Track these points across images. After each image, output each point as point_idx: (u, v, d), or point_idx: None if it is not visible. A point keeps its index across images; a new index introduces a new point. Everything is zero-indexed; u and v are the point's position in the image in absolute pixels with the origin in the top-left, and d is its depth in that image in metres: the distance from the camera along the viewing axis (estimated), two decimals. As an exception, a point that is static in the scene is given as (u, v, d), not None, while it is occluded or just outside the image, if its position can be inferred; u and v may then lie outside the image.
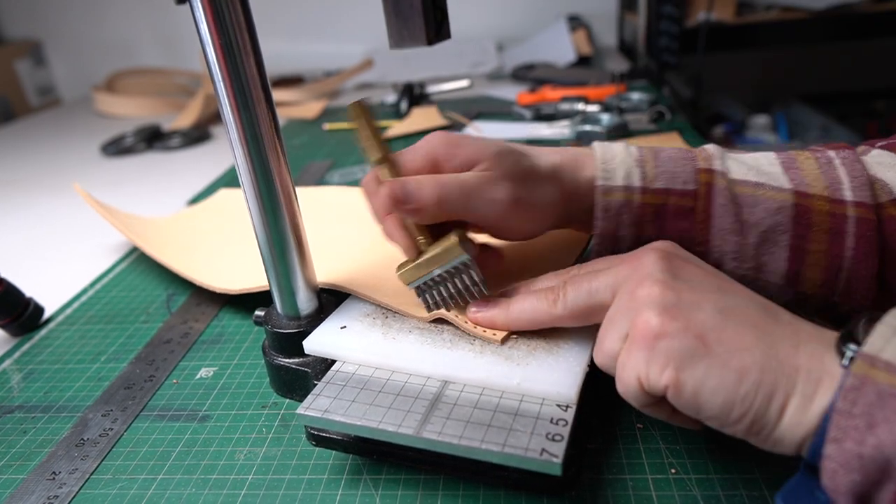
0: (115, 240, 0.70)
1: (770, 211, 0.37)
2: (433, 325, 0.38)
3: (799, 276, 0.37)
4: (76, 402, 0.44)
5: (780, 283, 0.38)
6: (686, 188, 0.38)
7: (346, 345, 0.37)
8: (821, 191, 0.37)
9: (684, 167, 0.38)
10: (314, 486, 0.35)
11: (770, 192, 0.37)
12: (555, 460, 0.29)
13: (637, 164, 0.39)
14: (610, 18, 1.54)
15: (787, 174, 0.38)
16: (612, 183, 0.38)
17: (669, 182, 0.38)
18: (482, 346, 0.36)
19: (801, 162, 0.39)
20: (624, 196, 0.38)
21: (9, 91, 1.54)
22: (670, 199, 0.38)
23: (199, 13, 0.32)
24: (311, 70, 1.52)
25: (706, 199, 0.38)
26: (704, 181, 0.38)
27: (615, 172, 0.38)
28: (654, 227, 0.39)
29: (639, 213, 0.38)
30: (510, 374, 0.33)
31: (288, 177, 0.37)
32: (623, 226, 0.39)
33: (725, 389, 0.26)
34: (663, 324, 0.28)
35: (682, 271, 0.31)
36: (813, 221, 0.37)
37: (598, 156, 0.39)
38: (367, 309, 0.41)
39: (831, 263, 0.37)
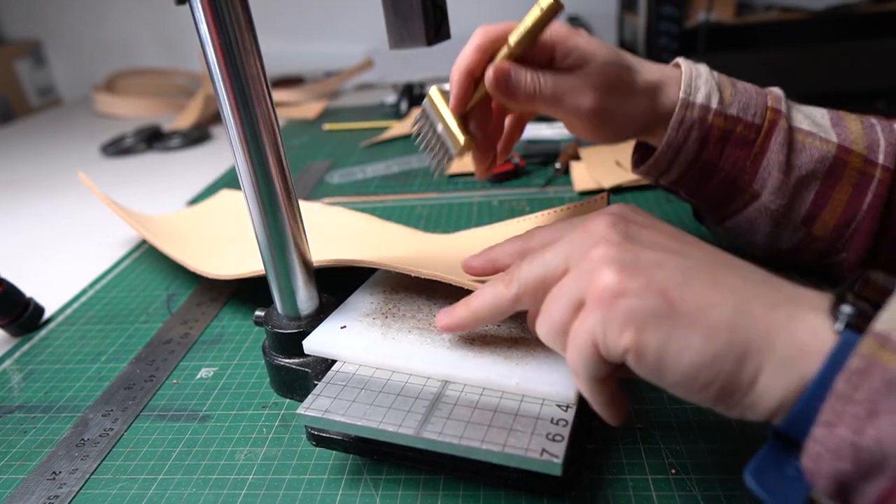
0: (115, 240, 0.70)
1: (814, 158, 0.41)
2: (431, 326, 0.38)
3: (816, 217, 0.42)
4: (76, 402, 0.44)
5: (797, 222, 0.42)
6: (754, 120, 0.42)
7: (346, 344, 0.37)
8: (861, 149, 0.41)
9: (757, 101, 0.42)
10: (314, 486, 0.35)
11: (818, 141, 0.41)
12: (555, 460, 0.29)
13: (717, 88, 0.42)
14: (610, 18, 1.54)
15: (834, 129, 0.42)
16: (693, 98, 0.41)
17: (742, 111, 0.42)
18: (482, 346, 0.36)
19: (847, 121, 0.43)
20: (700, 113, 0.41)
21: (9, 91, 1.54)
22: (738, 127, 0.42)
23: (199, 13, 0.32)
24: (311, 70, 1.52)
25: (766, 135, 0.41)
26: (770, 118, 0.41)
27: (698, 90, 0.42)
28: (716, 148, 0.42)
29: (707, 132, 0.42)
30: (509, 373, 0.33)
31: (288, 177, 0.37)
32: (690, 140, 0.42)
33: (692, 350, 0.24)
34: (622, 281, 0.26)
35: (640, 234, 0.29)
36: (844, 174, 0.41)
37: (685, 72, 0.42)
38: (367, 309, 0.41)
39: (846, 212, 0.41)
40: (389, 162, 0.85)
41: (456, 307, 0.34)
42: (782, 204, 0.42)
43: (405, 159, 0.85)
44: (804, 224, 0.42)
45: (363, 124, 1.06)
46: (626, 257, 0.27)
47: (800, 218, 0.42)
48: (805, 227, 0.42)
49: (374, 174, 0.82)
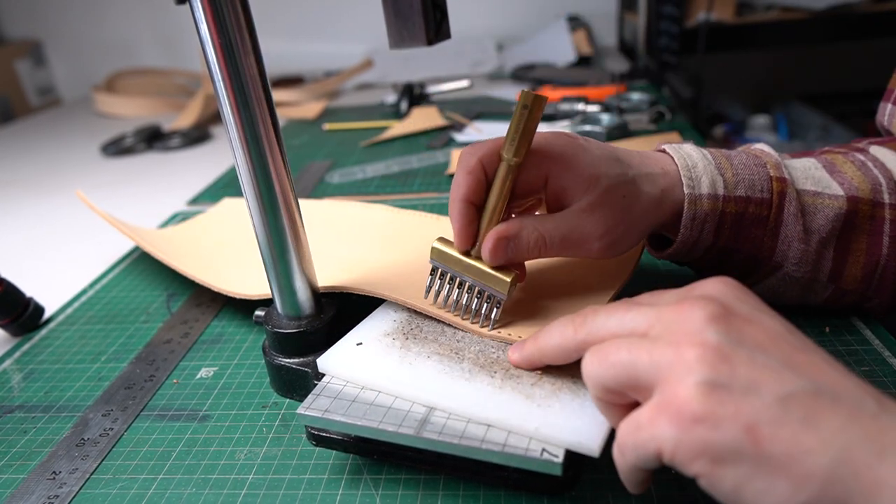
0: (115, 240, 0.70)
1: (829, 218, 0.39)
2: (453, 353, 0.36)
3: (842, 273, 0.41)
4: (76, 402, 0.44)
5: (824, 281, 0.41)
6: (763, 196, 0.39)
7: (360, 367, 0.35)
8: (867, 194, 0.40)
9: (759, 175, 0.40)
10: (314, 486, 0.35)
11: (828, 199, 0.40)
12: (555, 460, 0.29)
13: (718, 172, 0.40)
14: (610, 18, 1.54)
15: (833, 179, 0.40)
16: (698, 191, 0.39)
17: (749, 190, 0.39)
18: (502, 381, 0.33)
19: (840, 165, 0.41)
20: (709, 205, 0.39)
21: (9, 91, 1.54)
22: (749, 208, 0.40)
23: (199, 13, 0.32)
24: (311, 70, 1.52)
25: (778, 209, 0.40)
26: (777, 190, 0.39)
27: (700, 181, 0.39)
28: (732, 233, 0.40)
29: (720, 221, 0.40)
30: (529, 416, 0.30)
31: (288, 177, 0.37)
32: (705, 233, 0.40)
33: (776, 497, 0.22)
34: (707, 407, 0.23)
35: (745, 333, 0.25)
36: (856, 224, 0.40)
37: (679, 163, 0.40)
38: (389, 327, 0.39)
39: (869, 261, 0.40)
40: (389, 162, 0.85)
41: (526, 342, 0.33)
42: (808, 271, 0.40)
43: (405, 159, 0.85)
44: (831, 281, 0.41)
45: (363, 124, 1.06)
46: (721, 374, 0.23)
47: (825, 277, 0.41)
48: (833, 284, 0.41)
49: (374, 174, 0.82)
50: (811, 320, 0.44)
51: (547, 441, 0.30)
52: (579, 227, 0.37)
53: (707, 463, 0.23)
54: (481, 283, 0.37)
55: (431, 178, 0.79)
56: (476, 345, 0.37)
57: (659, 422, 0.24)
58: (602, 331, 0.28)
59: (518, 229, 0.36)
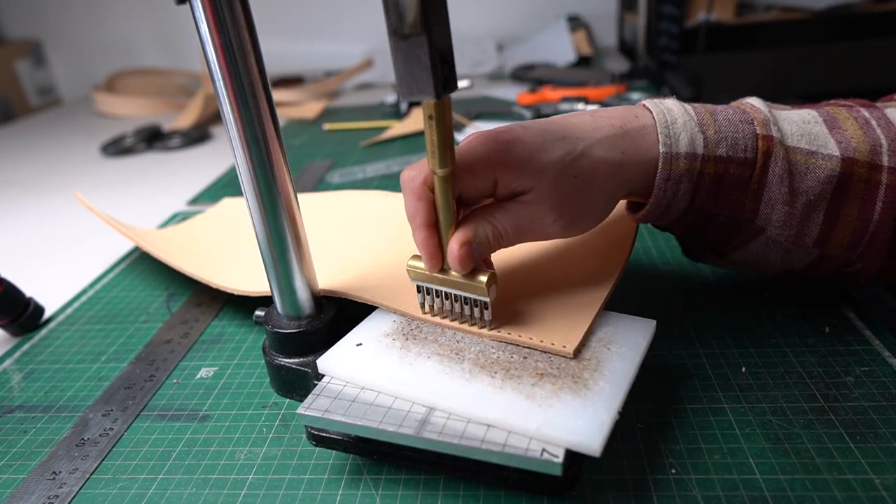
0: (115, 240, 0.70)
1: (820, 180, 0.37)
2: (453, 353, 0.36)
3: (829, 238, 0.39)
4: (76, 402, 0.44)
5: (809, 246, 0.39)
6: (746, 156, 0.37)
7: (360, 368, 0.35)
8: (864, 155, 0.37)
9: (744, 132, 0.37)
10: (314, 486, 0.35)
11: (820, 160, 0.37)
12: (555, 460, 0.29)
13: (699, 129, 0.37)
14: (610, 18, 1.54)
15: (832, 136, 0.38)
16: (674, 150, 0.37)
17: (731, 149, 0.37)
18: (503, 381, 0.33)
19: (842, 122, 0.38)
20: (687, 164, 0.37)
21: (9, 91, 1.54)
22: (730, 168, 0.37)
23: (200, 13, 0.32)
24: (311, 70, 1.52)
25: (762, 170, 0.37)
26: (763, 149, 0.37)
27: (679, 138, 0.37)
28: (710, 195, 0.38)
29: (698, 182, 0.37)
30: (529, 416, 0.31)
31: (288, 176, 0.37)
32: (680, 194, 0.38)
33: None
34: None
35: None
36: (851, 188, 0.37)
37: (658, 119, 0.38)
38: (389, 327, 0.39)
39: (859, 227, 0.38)
40: (389, 161, 0.85)
41: None
42: (792, 234, 0.38)
43: (405, 159, 0.85)
44: (816, 246, 0.39)
45: (363, 124, 1.06)
46: None
47: (811, 241, 0.39)
48: (818, 248, 0.39)
49: (374, 174, 0.82)
50: (812, 321, 0.44)
51: (547, 441, 0.30)
52: (530, 216, 0.36)
53: None
54: (462, 292, 0.37)
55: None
56: (476, 345, 0.36)
57: None
58: None
59: (473, 231, 0.35)
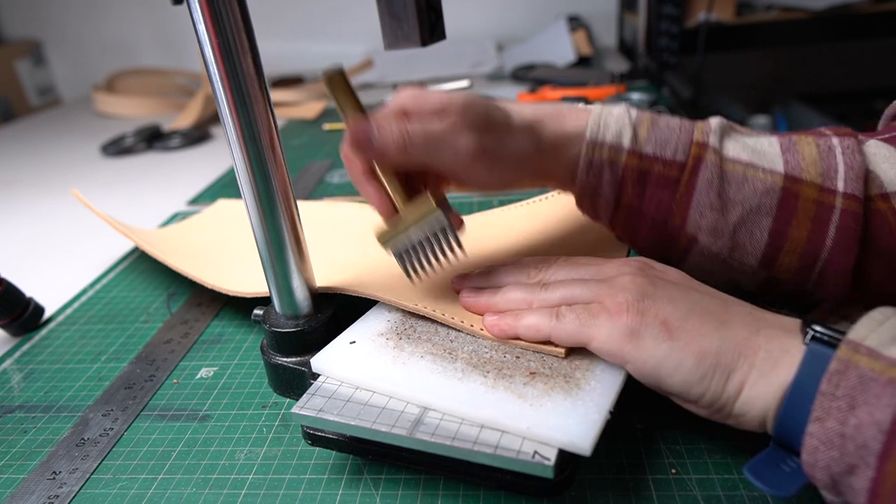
0: (115, 240, 0.70)
1: (757, 192, 0.37)
2: (446, 352, 0.36)
3: (775, 260, 0.38)
4: (76, 402, 0.44)
5: (754, 265, 0.38)
6: (674, 158, 0.38)
7: (354, 367, 0.35)
8: (813, 177, 0.36)
9: (678, 137, 0.38)
10: (314, 486, 0.35)
11: (760, 173, 0.37)
12: (547, 462, 0.29)
13: (630, 126, 0.38)
14: (610, 18, 1.54)
15: (783, 157, 0.38)
16: (600, 138, 0.38)
17: (658, 149, 0.38)
18: (495, 381, 0.33)
19: (801, 146, 0.38)
20: (609, 154, 0.38)
21: (9, 91, 1.54)
22: (655, 167, 0.38)
23: (197, 13, 0.32)
24: (311, 70, 1.52)
25: (691, 173, 0.38)
26: (694, 154, 0.38)
27: (607, 128, 0.38)
28: (635, 191, 0.39)
29: (622, 175, 0.38)
30: (520, 415, 0.31)
31: (286, 176, 0.37)
32: (604, 182, 0.39)
33: (684, 370, 0.30)
34: (635, 308, 0.32)
35: (662, 277, 0.35)
36: (798, 207, 0.36)
37: (594, 111, 0.39)
38: (383, 327, 0.39)
39: (809, 251, 0.37)
40: (389, 162, 0.84)
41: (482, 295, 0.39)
42: (725, 245, 0.38)
43: (405, 159, 0.85)
44: (763, 268, 0.38)
45: (363, 124, 1.06)
46: (647, 291, 0.33)
47: (756, 261, 0.38)
48: (765, 271, 0.38)
49: (373, 174, 0.82)
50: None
51: (538, 440, 0.30)
52: (441, 126, 0.36)
53: (633, 348, 0.31)
54: (422, 226, 0.37)
55: (431, 178, 0.78)
56: (469, 344, 0.37)
57: (601, 316, 0.33)
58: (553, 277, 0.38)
59: (378, 120, 0.36)
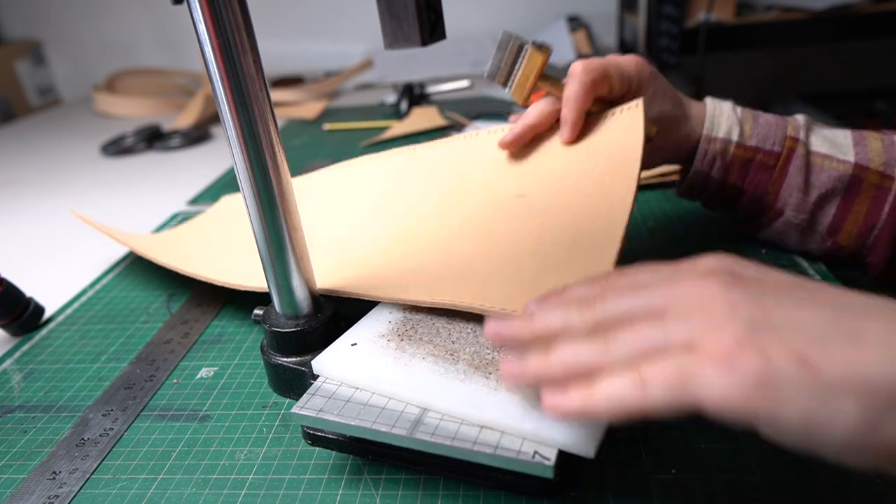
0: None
1: (832, 178, 0.47)
2: (448, 354, 0.36)
3: (840, 229, 0.48)
4: (76, 402, 0.44)
5: (823, 233, 0.49)
6: (773, 149, 0.48)
7: (355, 369, 0.35)
8: (877, 166, 0.46)
9: (776, 132, 0.49)
10: (314, 486, 0.35)
11: (835, 163, 0.47)
12: (547, 463, 0.29)
13: (738, 123, 0.49)
14: (610, 18, 1.54)
15: (854, 148, 0.47)
16: (714, 134, 0.49)
17: (760, 142, 0.49)
18: (497, 382, 0.33)
19: (870, 141, 0.48)
20: (721, 146, 0.49)
21: (9, 91, 1.54)
22: (757, 156, 0.49)
23: (198, 13, 0.32)
24: (311, 70, 1.52)
25: (785, 161, 0.48)
26: (788, 146, 0.48)
27: (720, 126, 0.49)
28: (739, 174, 0.50)
29: (730, 162, 0.49)
30: (524, 417, 0.30)
31: (286, 176, 0.37)
32: (714, 168, 0.50)
33: (848, 419, 0.21)
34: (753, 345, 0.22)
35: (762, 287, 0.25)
36: (862, 189, 0.47)
37: (709, 109, 0.50)
38: (384, 328, 0.39)
39: (866, 221, 0.47)
40: (389, 162, 0.84)
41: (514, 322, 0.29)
42: (805, 218, 0.49)
43: (405, 159, 0.85)
44: (829, 235, 0.49)
45: (363, 124, 1.06)
46: (757, 318, 0.23)
47: (825, 230, 0.48)
48: (830, 238, 0.49)
49: (374, 174, 0.81)
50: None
51: (542, 443, 0.30)
52: None
53: (769, 403, 0.22)
54: None
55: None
56: (471, 346, 0.36)
57: (706, 368, 0.23)
58: (612, 313, 0.27)
59: None
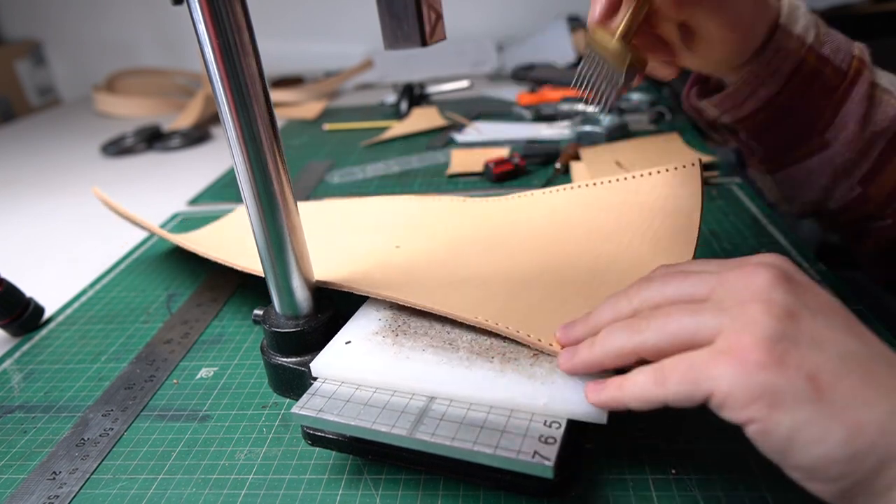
0: (115, 240, 0.70)
1: (889, 116, 0.41)
2: (447, 343, 0.36)
3: (874, 179, 0.42)
4: (76, 402, 0.44)
5: (855, 181, 0.42)
6: (841, 66, 0.41)
7: (359, 367, 0.35)
8: None
9: (845, 47, 0.42)
10: (314, 486, 0.35)
11: (894, 100, 0.41)
12: (546, 463, 0.28)
13: (814, 24, 0.42)
14: (610, 18, 1.54)
15: None
16: (792, 28, 0.41)
17: (832, 53, 0.41)
18: (501, 365, 0.34)
19: None
20: (796, 45, 0.41)
21: (9, 91, 1.54)
22: (826, 69, 0.41)
23: (198, 13, 0.32)
24: (311, 70, 1.52)
25: (851, 83, 0.41)
26: (856, 67, 0.41)
27: (798, 21, 0.41)
28: (800, 88, 0.41)
29: (797, 67, 0.41)
30: (535, 394, 0.31)
31: (286, 177, 0.37)
32: (779, 73, 0.41)
33: (829, 444, 0.22)
34: (773, 356, 0.24)
35: (806, 296, 0.26)
36: None
37: (784, 1, 0.42)
38: (375, 326, 0.39)
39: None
40: (389, 162, 0.85)
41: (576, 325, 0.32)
42: (850, 158, 0.41)
43: (405, 159, 0.85)
44: (861, 184, 0.42)
45: (363, 124, 1.06)
46: (787, 329, 0.24)
47: (860, 176, 0.42)
48: (861, 187, 0.42)
49: (374, 174, 0.82)
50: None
51: (556, 415, 0.31)
52: None
53: (764, 407, 0.23)
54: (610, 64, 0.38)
55: (431, 178, 0.79)
56: (468, 333, 0.37)
57: (719, 364, 0.24)
58: (658, 297, 0.28)
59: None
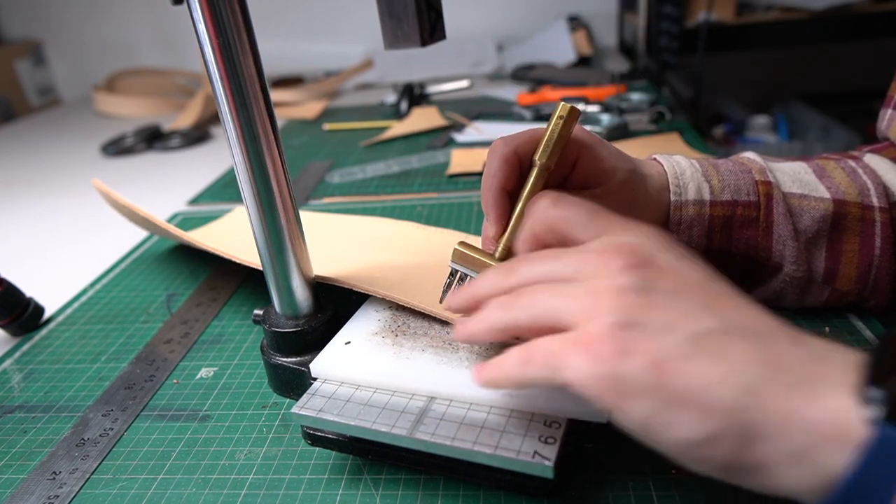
0: (115, 240, 0.70)
1: (815, 219, 0.41)
2: (446, 344, 0.36)
3: (836, 273, 0.42)
4: (76, 402, 0.44)
5: (819, 282, 0.42)
6: (749, 199, 0.41)
7: (359, 368, 0.35)
8: (854, 197, 0.41)
9: (745, 179, 0.41)
10: (314, 486, 0.35)
11: (814, 202, 0.41)
12: (547, 463, 0.29)
13: (705, 179, 0.41)
14: (610, 18, 1.54)
15: (822, 182, 0.42)
16: (684, 198, 0.41)
17: (735, 194, 0.41)
18: None
19: (830, 171, 0.43)
20: (695, 210, 0.41)
21: (9, 91, 1.54)
22: (737, 210, 0.41)
23: (198, 13, 0.32)
24: (311, 70, 1.52)
25: (766, 209, 0.41)
26: (764, 192, 0.41)
27: (687, 188, 0.41)
28: (724, 235, 0.42)
29: (708, 225, 0.41)
30: (535, 394, 0.31)
31: (286, 177, 0.37)
32: (695, 236, 0.41)
33: (682, 428, 0.23)
34: (616, 344, 0.24)
35: (660, 280, 0.26)
36: (847, 226, 0.41)
37: (669, 171, 0.42)
38: (375, 327, 0.39)
39: (862, 261, 0.41)
40: (389, 162, 0.85)
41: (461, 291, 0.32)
42: (804, 270, 0.42)
43: (405, 159, 0.85)
44: (826, 283, 0.42)
45: (363, 124, 1.06)
46: (634, 316, 0.24)
47: (820, 278, 0.42)
48: (829, 285, 0.42)
49: (374, 174, 0.82)
50: (811, 321, 0.44)
51: (557, 414, 0.31)
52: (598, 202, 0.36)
53: (614, 396, 0.24)
54: None
55: (431, 178, 0.79)
56: None
57: (572, 353, 0.25)
58: (533, 274, 0.29)
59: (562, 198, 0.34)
